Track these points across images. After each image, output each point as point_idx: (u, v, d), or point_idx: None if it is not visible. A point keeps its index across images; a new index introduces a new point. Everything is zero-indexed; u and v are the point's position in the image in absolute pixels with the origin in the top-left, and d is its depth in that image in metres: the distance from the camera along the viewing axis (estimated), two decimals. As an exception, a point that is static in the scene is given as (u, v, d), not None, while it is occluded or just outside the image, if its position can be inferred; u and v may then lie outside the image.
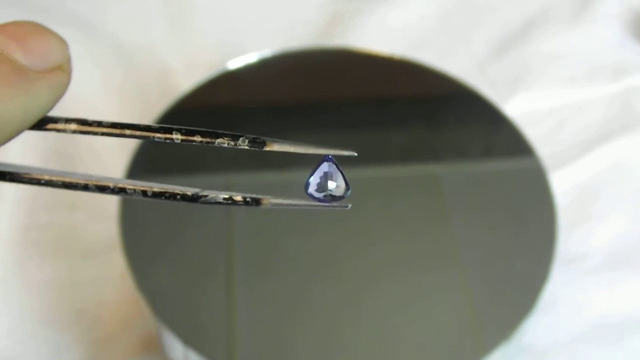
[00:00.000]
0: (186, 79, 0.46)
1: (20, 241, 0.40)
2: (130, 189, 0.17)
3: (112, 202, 0.36)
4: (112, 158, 0.42)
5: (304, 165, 0.17)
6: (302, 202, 0.16)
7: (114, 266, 0.38)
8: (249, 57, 0.42)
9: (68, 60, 0.16)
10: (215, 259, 0.33)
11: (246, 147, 0.16)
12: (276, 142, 0.16)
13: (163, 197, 0.17)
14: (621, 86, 0.48)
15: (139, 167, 0.36)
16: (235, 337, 0.31)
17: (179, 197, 0.16)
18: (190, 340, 0.31)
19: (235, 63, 0.41)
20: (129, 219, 0.34)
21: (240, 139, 0.16)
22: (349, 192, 0.16)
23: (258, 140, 0.16)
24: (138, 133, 0.17)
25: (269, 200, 0.16)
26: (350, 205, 0.16)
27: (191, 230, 0.35)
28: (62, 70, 0.16)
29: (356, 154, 0.16)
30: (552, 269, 0.33)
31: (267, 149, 0.16)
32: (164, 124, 0.38)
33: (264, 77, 0.41)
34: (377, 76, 0.42)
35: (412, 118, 0.40)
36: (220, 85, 0.40)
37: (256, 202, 0.16)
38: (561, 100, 0.48)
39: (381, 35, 0.51)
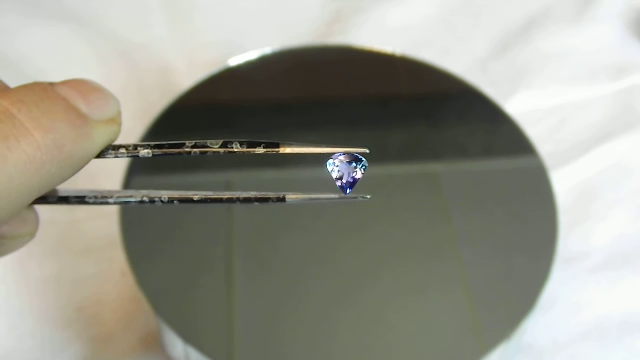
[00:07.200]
0: (187, 76, 0.46)
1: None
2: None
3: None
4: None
5: (303, 163, 0.17)
6: (323, 195, 0.17)
7: (115, 264, 0.38)
8: (250, 55, 0.42)
9: (120, 115, 0.19)
10: (216, 256, 0.33)
11: (262, 152, 0.17)
12: (289, 144, 0.17)
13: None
14: (622, 86, 0.48)
15: (140, 165, 0.36)
16: (235, 334, 0.31)
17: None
18: (190, 337, 0.31)
19: (236, 61, 0.41)
20: (130, 216, 0.34)
21: (257, 148, 0.17)
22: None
23: (272, 144, 0.17)
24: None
25: (290, 196, 0.17)
26: (370, 196, 0.17)
27: (191, 228, 0.35)
28: (115, 122, 0.19)
29: (368, 151, 0.17)
30: (552, 268, 0.33)
31: (281, 151, 0.17)
32: (165, 121, 0.38)
33: (265, 75, 0.41)
34: (378, 74, 0.42)
35: (413, 116, 0.40)
36: (221, 83, 0.40)
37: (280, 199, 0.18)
38: (562, 99, 0.48)
39: (382, 33, 0.51)
